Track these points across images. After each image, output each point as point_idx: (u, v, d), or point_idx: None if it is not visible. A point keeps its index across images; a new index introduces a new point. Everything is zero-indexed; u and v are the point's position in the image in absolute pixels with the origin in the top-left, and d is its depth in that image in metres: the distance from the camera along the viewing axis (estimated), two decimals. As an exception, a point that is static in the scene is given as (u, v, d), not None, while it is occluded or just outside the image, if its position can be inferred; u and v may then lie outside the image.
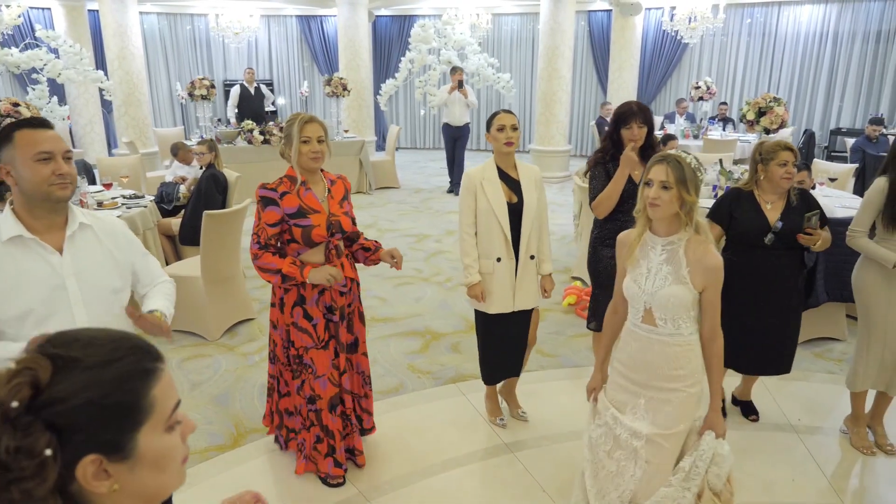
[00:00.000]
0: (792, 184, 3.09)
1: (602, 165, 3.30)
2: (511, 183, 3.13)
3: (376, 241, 3.02)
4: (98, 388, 0.77)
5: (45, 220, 1.80)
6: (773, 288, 3.16)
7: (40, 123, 1.81)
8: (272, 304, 2.89)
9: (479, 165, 3.21)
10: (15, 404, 0.72)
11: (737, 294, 3.06)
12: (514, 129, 3.05)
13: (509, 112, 3.11)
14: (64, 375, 0.76)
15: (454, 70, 9.34)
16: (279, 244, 2.76)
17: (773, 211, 3.09)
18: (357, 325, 2.99)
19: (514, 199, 3.10)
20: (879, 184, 3.02)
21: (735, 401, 3.65)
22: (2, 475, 0.71)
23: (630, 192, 3.18)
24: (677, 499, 2.17)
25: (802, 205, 3.12)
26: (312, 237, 2.69)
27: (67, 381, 0.76)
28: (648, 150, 3.19)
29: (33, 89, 7.50)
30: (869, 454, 3.21)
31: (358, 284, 2.99)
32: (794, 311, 3.28)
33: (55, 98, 7.88)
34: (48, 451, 0.73)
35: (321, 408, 2.86)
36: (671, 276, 2.14)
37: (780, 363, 3.31)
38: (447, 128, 9.51)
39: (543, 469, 3.11)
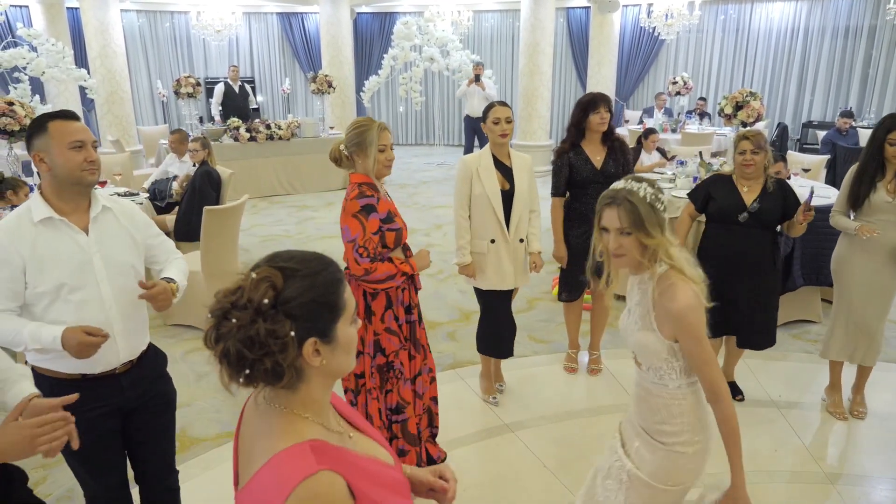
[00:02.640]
0: (756, 170, 3.32)
1: (564, 155, 3.66)
2: (504, 170, 3.36)
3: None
4: (315, 290, 1.05)
5: (73, 203, 1.97)
6: (747, 261, 3.40)
7: (71, 115, 1.99)
8: (364, 320, 2.76)
9: (475, 153, 3.40)
10: (266, 301, 1.00)
11: (715, 266, 3.27)
12: (509, 121, 3.29)
13: (504, 105, 3.33)
14: (291, 282, 1.04)
15: (476, 65, 9.86)
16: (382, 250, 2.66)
17: (749, 194, 3.36)
18: (418, 328, 2.95)
19: (507, 186, 3.33)
20: (852, 168, 3.36)
21: None
22: (259, 350, 0.99)
23: (592, 176, 3.60)
24: None
25: (780, 192, 3.36)
26: (402, 239, 2.71)
27: (294, 286, 1.04)
28: (610, 134, 3.63)
29: (15, 88, 7.47)
30: (841, 418, 3.52)
31: None
32: (770, 286, 3.51)
33: (37, 97, 7.86)
34: (292, 333, 1.01)
35: (409, 416, 2.80)
36: (640, 321, 1.90)
37: (763, 337, 3.54)
38: (468, 119, 10.02)
39: (543, 447, 3.28)
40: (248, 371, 1.01)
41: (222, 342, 1.00)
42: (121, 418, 2.13)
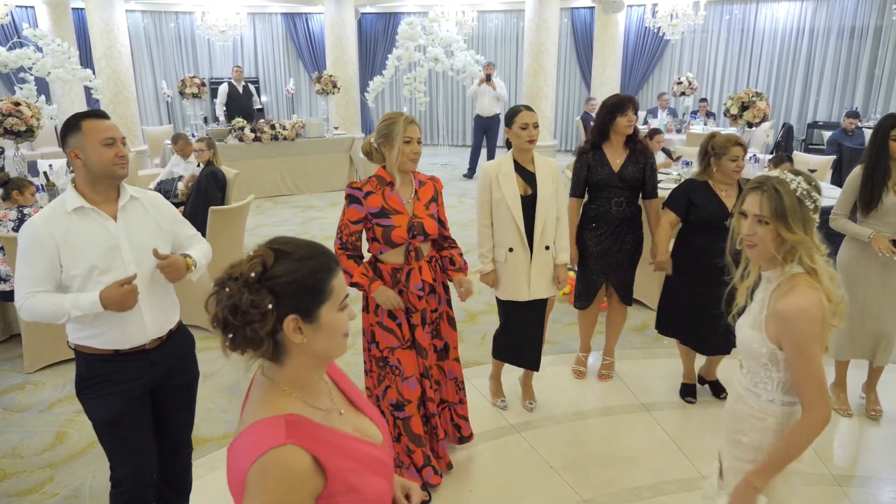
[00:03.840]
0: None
1: (584, 156, 3.61)
2: (527, 176, 3.26)
3: (465, 262, 2.92)
4: (301, 272, 1.16)
5: (104, 195, 2.14)
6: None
7: (102, 115, 2.16)
8: (363, 309, 2.83)
9: (496, 159, 3.35)
10: (253, 275, 1.13)
11: (702, 275, 3.28)
12: (536, 126, 3.21)
13: (531, 109, 3.24)
14: (281, 262, 1.15)
15: (487, 65, 9.88)
16: (358, 243, 2.73)
17: (728, 198, 3.34)
18: (446, 329, 2.93)
19: (529, 192, 3.24)
20: (856, 171, 3.32)
21: (702, 381, 3.85)
22: (241, 318, 1.12)
23: (609, 179, 3.52)
24: None
25: None
26: (393, 238, 2.65)
27: (283, 265, 1.15)
28: (634, 137, 3.53)
29: (20, 88, 7.49)
30: (846, 416, 3.54)
31: (446, 288, 2.94)
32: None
33: (42, 97, 7.88)
34: (269, 306, 1.12)
35: (410, 414, 2.79)
36: (752, 318, 1.78)
37: (733, 338, 3.55)
38: (478, 118, 10.05)
39: (549, 447, 3.28)
40: (231, 335, 1.13)
41: (216, 308, 1.14)
42: (149, 394, 2.26)
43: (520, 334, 3.42)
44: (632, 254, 3.66)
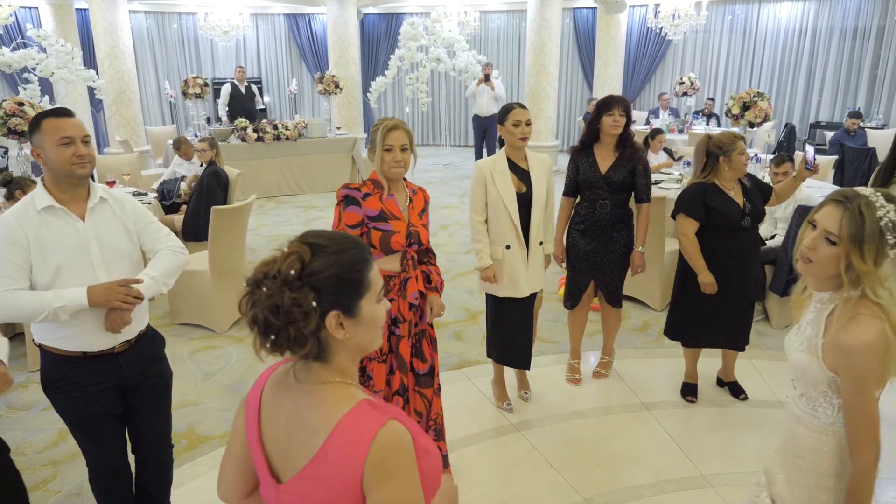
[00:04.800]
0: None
1: (575, 155, 3.63)
2: (521, 173, 3.29)
3: (441, 280, 2.79)
4: (339, 266, 1.12)
5: (70, 194, 2.14)
6: (750, 263, 3.44)
7: (63, 113, 2.13)
8: None
9: (490, 157, 3.36)
10: (292, 273, 1.08)
11: (729, 277, 3.32)
12: (529, 124, 3.22)
13: (524, 107, 3.25)
14: (317, 257, 1.11)
15: (485, 65, 9.90)
16: None
17: (737, 196, 3.34)
18: (428, 349, 2.76)
19: (524, 189, 3.26)
20: (879, 169, 3.22)
21: (721, 382, 3.86)
22: (284, 318, 1.07)
23: (594, 181, 3.51)
24: None
25: (753, 184, 3.43)
26: (391, 244, 2.56)
27: (320, 261, 1.11)
28: (625, 141, 3.50)
29: (24, 88, 7.52)
30: None
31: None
32: (756, 281, 3.56)
33: (46, 97, 7.91)
34: (313, 304, 1.08)
35: None
36: (806, 342, 1.66)
37: (743, 338, 3.61)
38: (476, 118, 10.03)
39: (549, 446, 3.29)
40: (273, 337, 1.08)
41: (253, 309, 1.09)
42: (120, 395, 2.28)
43: (512, 331, 3.45)
44: (621, 257, 3.63)
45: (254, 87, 10.71)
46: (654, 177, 6.28)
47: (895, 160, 3.15)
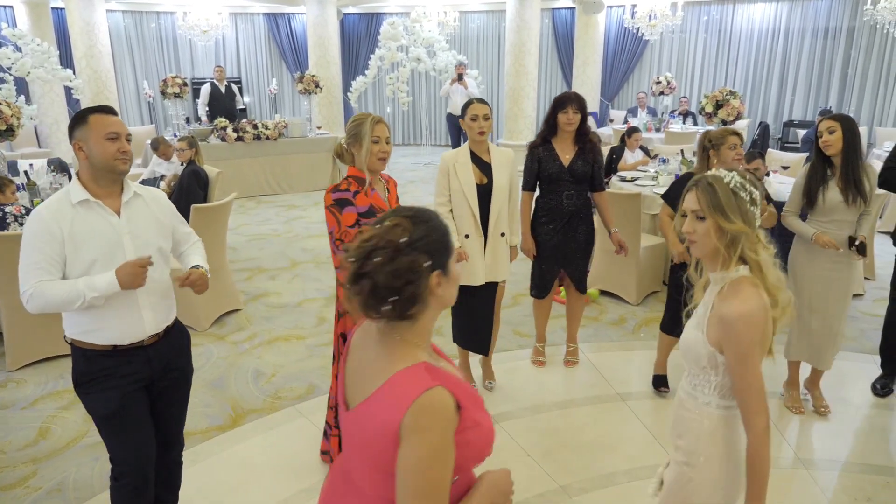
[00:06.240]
0: (742, 166, 3.42)
1: (535, 150, 3.73)
2: (483, 166, 3.41)
3: None
4: (435, 232, 1.27)
5: (107, 189, 2.17)
6: None
7: (109, 110, 2.19)
8: (340, 314, 2.83)
9: (454, 149, 3.49)
10: (403, 240, 1.22)
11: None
12: (486, 118, 3.34)
13: (483, 102, 3.39)
14: (417, 226, 1.25)
15: (458, 65, 10.03)
16: None
17: None
18: None
19: (485, 181, 3.39)
20: (804, 168, 3.39)
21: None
22: (402, 280, 1.21)
23: (559, 173, 3.64)
24: None
25: None
26: None
27: (420, 229, 1.25)
28: (584, 135, 3.65)
29: (0, 88, 7.44)
30: (798, 413, 3.59)
31: None
32: None
33: (22, 97, 7.83)
34: (426, 264, 1.23)
35: None
36: (696, 318, 1.76)
37: None
38: (450, 117, 10.16)
39: (527, 437, 3.36)
40: (395, 299, 1.21)
41: (367, 278, 1.21)
42: (146, 389, 2.29)
43: (472, 318, 3.57)
44: (584, 244, 3.81)
45: (234, 87, 10.68)
46: (630, 174, 6.40)
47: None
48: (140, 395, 2.26)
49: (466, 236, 3.42)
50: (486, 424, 1.30)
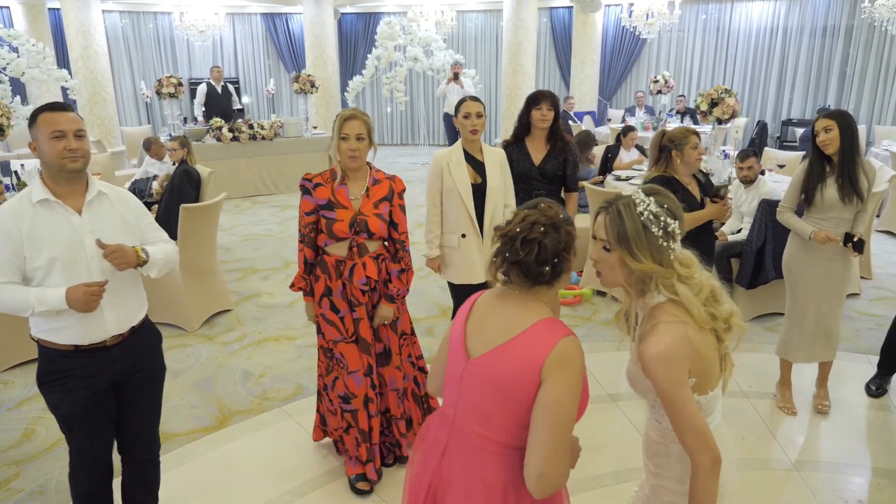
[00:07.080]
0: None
1: (508, 147, 3.70)
2: (476, 165, 3.37)
3: (401, 289, 2.84)
4: (565, 214, 1.53)
5: (67, 187, 2.14)
6: (710, 257, 3.49)
7: (59, 107, 2.13)
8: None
9: (447, 148, 3.43)
10: (561, 216, 1.50)
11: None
12: (479, 116, 3.29)
13: (476, 100, 3.33)
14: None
15: (453, 64, 10.00)
16: (314, 235, 2.79)
17: (694, 191, 3.37)
18: (386, 331, 2.89)
19: (479, 180, 3.35)
20: (802, 165, 3.35)
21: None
22: (563, 248, 1.48)
23: (529, 172, 3.63)
24: None
25: (707, 179, 3.48)
26: (334, 231, 2.68)
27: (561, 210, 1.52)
28: (556, 134, 3.64)
29: (-5, 89, 7.44)
30: (790, 414, 3.54)
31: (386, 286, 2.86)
32: None
33: (18, 98, 7.83)
34: (574, 236, 1.51)
35: (357, 407, 2.80)
36: (631, 351, 1.65)
37: None
38: (447, 117, 10.10)
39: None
40: (556, 261, 1.46)
41: (533, 243, 1.45)
42: (112, 388, 2.26)
43: None
44: None
45: (230, 87, 10.65)
46: (625, 173, 6.36)
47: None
48: (103, 397, 2.23)
49: (463, 236, 3.38)
50: (587, 389, 1.51)
